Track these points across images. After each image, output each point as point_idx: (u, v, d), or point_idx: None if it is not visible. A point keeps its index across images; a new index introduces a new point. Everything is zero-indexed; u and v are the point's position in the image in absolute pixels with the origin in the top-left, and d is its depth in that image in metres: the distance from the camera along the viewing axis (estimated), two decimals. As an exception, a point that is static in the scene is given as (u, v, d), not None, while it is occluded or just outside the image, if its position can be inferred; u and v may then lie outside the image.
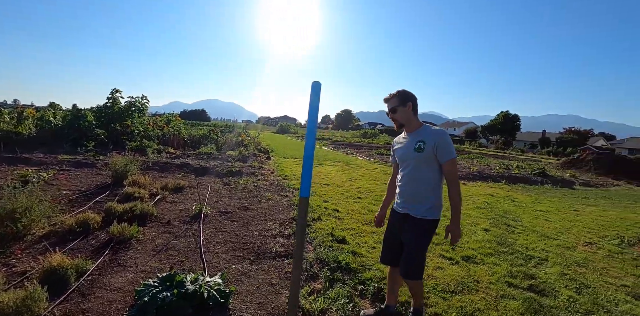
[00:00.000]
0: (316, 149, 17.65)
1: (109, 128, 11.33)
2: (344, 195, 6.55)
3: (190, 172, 8.04)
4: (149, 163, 8.25)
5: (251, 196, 6.12)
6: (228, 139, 13.07)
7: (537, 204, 7.29)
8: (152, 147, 10.08)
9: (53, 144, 10.10)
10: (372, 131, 46.17)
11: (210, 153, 10.22)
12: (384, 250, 2.40)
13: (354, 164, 11.79)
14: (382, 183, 8.25)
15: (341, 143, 25.50)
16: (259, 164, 9.29)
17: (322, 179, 8.27)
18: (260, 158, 10.87)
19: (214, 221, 4.62)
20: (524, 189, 9.73)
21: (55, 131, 10.86)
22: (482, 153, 28.65)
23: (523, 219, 5.77)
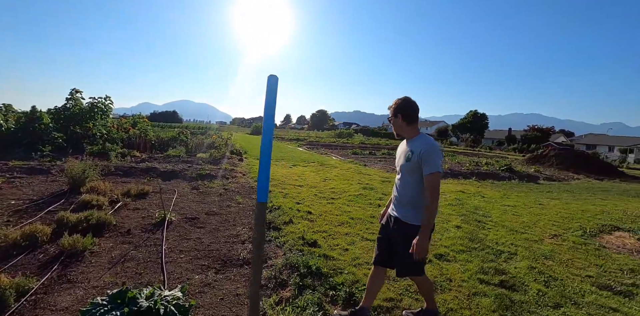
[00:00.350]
0: (291, 150, 17.45)
1: (68, 131, 10.61)
2: (318, 196, 6.42)
3: (156, 176, 7.64)
4: (111, 168, 7.77)
5: (221, 200, 5.87)
6: (199, 141, 12.62)
7: (506, 199, 7.49)
8: (116, 150, 9.53)
9: (3, 149, 9.32)
10: (347, 131, 46.52)
11: (179, 156, 9.80)
12: (377, 250, 2.40)
13: (328, 165, 11.70)
14: (356, 183, 8.21)
15: (316, 144, 25.43)
16: (230, 167, 8.99)
17: (295, 180, 8.11)
18: (232, 160, 10.55)
19: (179, 228, 4.35)
20: (493, 185, 10.01)
21: (8, 135, 10.03)
22: (454, 151, 29.55)
23: (493, 214, 5.87)
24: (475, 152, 32.89)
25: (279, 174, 8.74)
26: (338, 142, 28.71)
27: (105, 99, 13.11)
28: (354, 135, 45.94)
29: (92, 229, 4.05)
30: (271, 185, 7.20)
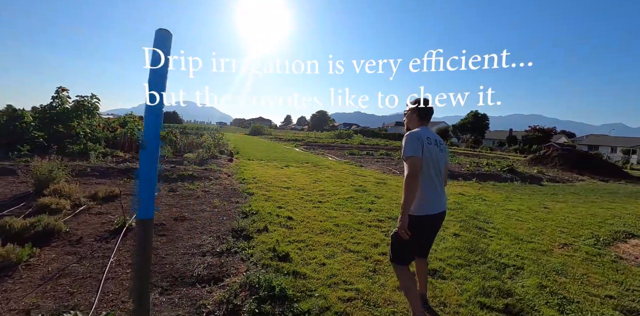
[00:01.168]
0: (286, 151, 16.91)
1: (51, 130, 10.10)
2: (304, 199, 5.87)
3: (134, 177, 7.10)
4: (88, 169, 7.24)
5: (196, 203, 5.32)
6: (189, 141, 12.10)
7: (509, 203, 6.92)
8: (98, 150, 9.01)
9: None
10: (347, 131, 45.98)
11: (164, 156, 9.27)
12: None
13: (322, 165, 11.15)
14: (349, 185, 7.66)
15: (314, 144, 24.88)
16: (217, 167, 8.45)
17: (283, 181, 7.57)
18: (221, 160, 10.01)
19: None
20: (495, 186, 9.43)
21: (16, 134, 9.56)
22: (454, 152, 28.96)
23: (495, 220, 5.31)
24: (476, 153, 32.29)
25: (267, 175, 8.20)
26: (337, 143, 28.12)
27: (92, 98, 12.61)
28: (354, 136, 45.38)
29: (38, 237, 3.55)
30: (255, 187, 6.66)
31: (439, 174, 2.20)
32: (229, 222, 4.28)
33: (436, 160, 2.15)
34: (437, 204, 2.15)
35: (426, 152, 2.08)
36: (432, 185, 2.14)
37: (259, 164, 10.39)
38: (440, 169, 2.21)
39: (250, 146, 18.79)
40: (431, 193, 2.13)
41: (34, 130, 9.80)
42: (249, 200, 5.52)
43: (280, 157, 13.02)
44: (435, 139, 2.21)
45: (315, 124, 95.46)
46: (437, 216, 2.16)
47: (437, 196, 2.16)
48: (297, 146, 22.24)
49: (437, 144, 2.20)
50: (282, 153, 14.94)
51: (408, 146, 2.08)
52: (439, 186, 2.20)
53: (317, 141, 29.25)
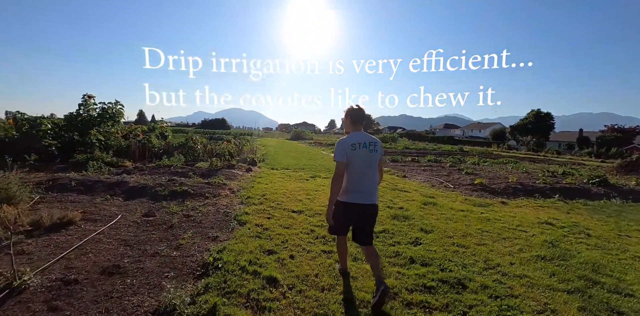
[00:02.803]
0: (321, 157, 15.19)
1: (67, 139, 9.46)
2: (313, 234, 4.05)
3: (121, 193, 5.85)
4: (72, 182, 6.14)
5: (159, 238, 3.77)
6: (208, 148, 10.92)
7: (627, 241, 4.47)
8: (104, 159, 8.05)
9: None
10: (391, 135, 43.18)
11: (171, 166, 8.05)
12: None
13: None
14: (385, 206, 5.69)
15: (354, 149, 22.94)
16: (224, 181, 6.98)
17: (299, 201, 5.81)
18: (236, 170, 8.58)
19: (25, 304, 2.32)
20: (590, 208, 6.80)
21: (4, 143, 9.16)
22: (514, 157, 25.06)
23: (636, 287, 3.03)
24: (541, 157, 27.86)
25: (282, 191, 6.51)
26: (379, 148, 25.88)
27: (115, 104, 12.06)
28: (398, 139, 42.44)
29: None
30: (255, 211, 4.99)
31: (369, 172, 2.56)
32: (180, 279, 2.62)
33: (364, 162, 2.53)
34: (364, 196, 2.55)
35: (351, 157, 2.51)
36: (360, 180, 2.54)
37: (281, 175, 8.77)
38: (372, 167, 2.57)
39: (283, 152, 17.38)
40: (357, 187, 2.54)
41: (50, 138, 9.23)
42: (231, 236, 3.84)
43: (310, 165, 11.33)
44: (363, 143, 2.54)
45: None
46: (364, 206, 2.55)
47: (365, 190, 2.55)
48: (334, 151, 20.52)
49: (367, 147, 2.53)
50: (314, 160, 13.25)
51: (335, 152, 2.57)
52: (367, 182, 2.56)
53: (358, 146, 27.24)
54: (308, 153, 17.24)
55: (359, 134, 2.60)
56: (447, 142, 48.66)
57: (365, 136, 2.59)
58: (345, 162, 2.48)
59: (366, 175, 2.53)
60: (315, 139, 39.47)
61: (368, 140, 2.56)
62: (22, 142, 9.06)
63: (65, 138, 9.38)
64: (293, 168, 10.40)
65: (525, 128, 52.44)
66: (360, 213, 2.57)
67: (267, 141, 29.76)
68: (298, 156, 15.15)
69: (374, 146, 2.55)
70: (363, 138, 2.55)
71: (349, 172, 2.52)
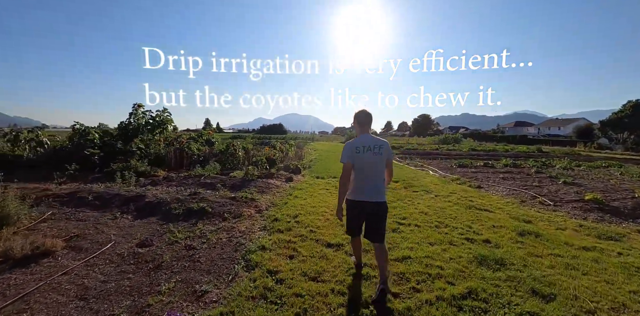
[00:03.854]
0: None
1: (110, 148, 9.24)
2: (352, 294, 2.54)
3: (133, 210, 4.98)
4: (89, 196, 5.46)
5: (129, 288, 2.61)
6: (252, 154, 10.00)
7: None
8: (135, 169, 7.46)
9: (45, 167, 8.29)
10: (453, 135, 39.19)
11: (202, 176, 7.14)
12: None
13: (418, 186, 7.43)
14: (462, 238, 3.95)
15: (413, 152, 20.60)
16: (255, 194, 5.80)
17: (341, 226, 4.32)
18: (274, 179, 7.39)
19: None
20: None
21: (59, 152, 9.26)
22: (612, 158, 20.30)
23: None
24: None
25: (323, 210, 5.09)
26: (442, 150, 22.99)
27: (163, 112, 11.85)
28: (462, 140, 38.32)
29: None
30: (281, 242, 3.62)
31: (373, 173, 2.62)
32: None
33: (367, 164, 2.61)
34: (368, 195, 2.61)
35: (356, 158, 2.61)
36: (363, 181, 2.62)
37: (326, 186, 7.36)
38: (376, 168, 2.63)
39: (335, 156, 15.93)
40: (362, 186, 2.62)
41: (96, 147, 9.09)
42: (225, 293, 2.50)
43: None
44: (369, 146, 2.61)
45: (417, 129, 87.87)
46: (369, 203, 2.61)
47: (369, 189, 2.61)
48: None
49: (371, 149, 2.60)
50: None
51: (342, 154, 2.70)
52: (371, 181, 2.62)
53: (417, 148, 24.71)
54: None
55: (365, 136, 2.68)
56: (520, 142, 42.83)
57: (371, 139, 2.65)
58: (351, 163, 2.61)
59: (370, 176, 2.60)
60: (371, 142, 37.51)
61: (373, 143, 2.62)
62: (72, 152, 9.05)
63: (109, 147, 9.16)
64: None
65: (621, 123, 43.85)
66: (366, 211, 2.63)
67: (320, 145, 28.62)
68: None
69: (379, 149, 2.61)
70: (368, 141, 2.63)
71: (355, 173, 2.64)
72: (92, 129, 9.75)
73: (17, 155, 8.87)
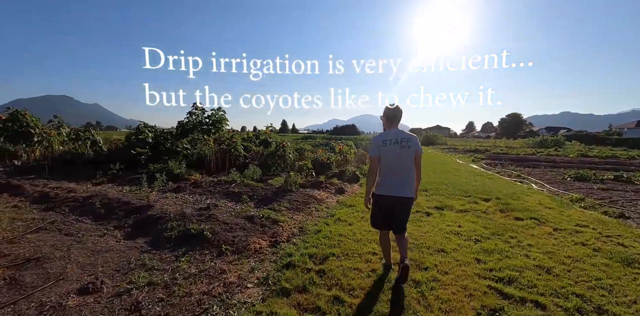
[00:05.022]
0: (455, 169, 10.87)
1: (161, 147, 8.81)
2: None
3: (129, 226, 3.94)
4: (97, 203, 4.62)
5: None
6: (304, 157, 8.61)
7: None
8: (170, 171, 6.66)
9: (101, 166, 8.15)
10: (553, 137, 32.34)
11: (233, 182, 5.93)
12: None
13: (522, 210, 4.99)
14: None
15: (503, 156, 16.88)
16: (284, 211, 4.29)
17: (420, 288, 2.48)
18: (321, 190, 5.80)
19: None
20: None
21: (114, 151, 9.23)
22: None
23: None
24: None
25: (373, 247, 3.30)
26: (540, 155, 18.44)
27: (218, 111, 11.26)
28: (566, 144, 31.39)
29: None
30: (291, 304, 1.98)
31: (400, 167, 2.55)
32: None
33: (394, 157, 2.54)
34: (393, 189, 2.54)
35: (383, 152, 2.56)
36: (389, 174, 2.56)
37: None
38: (402, 162, 2.54)
39: None
40: (387, 180, 2.56)
41: (147, 147, 8.75)
42: None
43: (439, 181, 7.52)
44: (395, 139, 2.55)
45: (505, 130, 77.13)
46: (394, 198, 2.54)
47: (393, 183, 2.55)
48: (476, 159, 15.28)
49: (398, 143, 2.53)
50: (447, 173, 9.20)
51: (370, 147, 2.70)
52: (398, 175, 2.55)
53: (507, 152, 20.54)
54: (438, 163, 13.01)
55: (393, 131, 2.63)
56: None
57: (399, 133, 2.60)
58: (377, 156, 2.58)
59: (395, 169, 2.56)
60: (450, 143, 33.34)
61: (400, 137, 2.57)
62: (123, 151, 8.88)
63: (157, 147, 8.73)
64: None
65: None
66: (390, 204, 2.58)
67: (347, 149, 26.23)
68: (423, 166, 11.24)
69: (407, 142, 2.55)
70: (396, 135, 2.59)
71: (381, 166, 2.60)
72: (146, 129, 9.49)
73: (79, 153, 8.98)
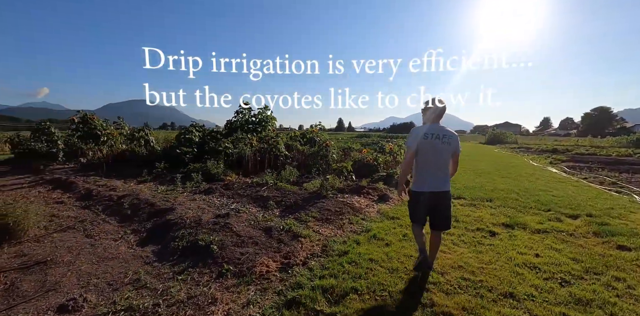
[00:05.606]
0: (526, 174, 9.16)
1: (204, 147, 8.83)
2: None
3: (145, 230, 3.69)
4: (125, 204, 4.51)
5: None
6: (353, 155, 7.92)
7: None
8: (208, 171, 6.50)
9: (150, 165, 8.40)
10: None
11: (264, 185, 5.47)
12: None
13: (625, 234, 3.67)
14: None
15: (589, 158, 14.09)
16: (309, 224, 3.68)
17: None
18: (361, 196, 5.06)
19: None
20: None
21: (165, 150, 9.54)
22: None
23: None
24: None
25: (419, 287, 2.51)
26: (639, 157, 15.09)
27: (265, 109, 11.07)
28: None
29: None
30: None
31: (436, 162, 2.49)
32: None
33: (433, 151, 2.47)
34: (430, 185, 2.49)
35: (421, 145, 2.48)
36: (427, 169, 2.51)
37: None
38: (441, 157, 2.49)
39: (468, 162, 11.96)
40: (424, 175, 2.51)
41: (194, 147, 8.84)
42: None
43: (508, 189, 6.21)
44: (437, 134, 2.48)
45: (590, 127, 66.56)
46: (431, 193, 2.49)
47: (430, 178, 2.50)
48: (554, 161, 12.91)
49: (439, 138, 2.47)
50: (517, 179, 7.66)
51: (407, 139, 2.61)
52: (434, 170, 2.50)
53: (595, 153, 17.24)
54: (507, 165, 11.15)
55: (436, 125, 2.56)
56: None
57: (441, 129, 2.54)
58: (416, 149, 2.51)
59: (434, 164, 2.51)
60: (521, 142, 29.55)
61: (442, 133, 2.52)
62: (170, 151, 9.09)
63: (201, 146, 8.77)
64: (472, 196, 5.70)
65: None
66: (431, 200, 2.52)
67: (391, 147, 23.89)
68: (489, 169, 9.63)
69: (448, 139, 2.50)
70: (438, 130, 2.53)
71: (418, 162, 2.55)
72: (194, 128, 9.63)
73: (135, 152, 9.40)
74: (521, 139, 36.51)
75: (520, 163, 11.88)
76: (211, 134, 9.75)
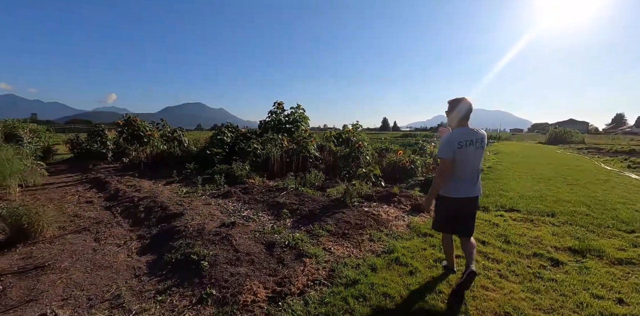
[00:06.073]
0: (598, 181, 7.66)
1: (234, 148, 8.71)
2: None
3: (152, 236, 3.47)
4: (140, 207, 4.38)
5: None
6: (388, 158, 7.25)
7: None
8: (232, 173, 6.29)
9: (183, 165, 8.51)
10: None
11: (284, 190, 5.05)
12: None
13: None
14: None
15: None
16: (321, 238, 3.17)
17: None
18: (389, 207, 4.43)
19: None
20: None
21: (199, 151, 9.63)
22: None
23: None
24: None
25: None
26: None
27: (297, 108, 10.71)
28: None
29: None
30: None
31: (471, 168, 2.35)
32: None
33: (468, 159, 2.31)
34: (464, 191, 2.35)
35: (459, 154, 2.30)
36: (462, 177, 2.35)
37: (483, 237, 3.67)
38: (476, 164, 2.38)
39: (524, 165, 10.40)
40: (458, 182, 2.35)
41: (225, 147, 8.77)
42: None
43: (574, 201, 5.09)
44: (471, 140, 2.31)
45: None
46: (464, 199, 2.37)
47: (464, 185, 2.35)
48: (633, 165, 10.83)
49: (474, 144, 2.31)
50: (587, 188, 6.33)
51: (441, 149, 2.37)
52: (469, 177, 2.36)
53: (689, 156, 14.29)
54: (573, 169, 9.47)
55: (466, 129, 2.36)
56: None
57: (473, 132, 2.35)
58: (451, 160, 2.32)
59: (470, 172, 2.37)
60: (589, 142, 25.89)
61: (475, 137, 2.34)
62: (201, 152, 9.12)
63: (231, 147, 8.66)
64: (528, 208, 4.70)
65: None
66: (460, 206, 2.41)
67: (507, 146, 21.43)
68: (550, 174, 8.14)
69: (481, 142, 2.35)
70: (470, 135, 2.33)
71: (455, 169, 2.36)
72: (227, 129, 9.60)
73: (171, 153, 9.60)
74: (589, 138, 32.13)
75: (590, 167, 10.11)
76: (245, 135, 9.65)
